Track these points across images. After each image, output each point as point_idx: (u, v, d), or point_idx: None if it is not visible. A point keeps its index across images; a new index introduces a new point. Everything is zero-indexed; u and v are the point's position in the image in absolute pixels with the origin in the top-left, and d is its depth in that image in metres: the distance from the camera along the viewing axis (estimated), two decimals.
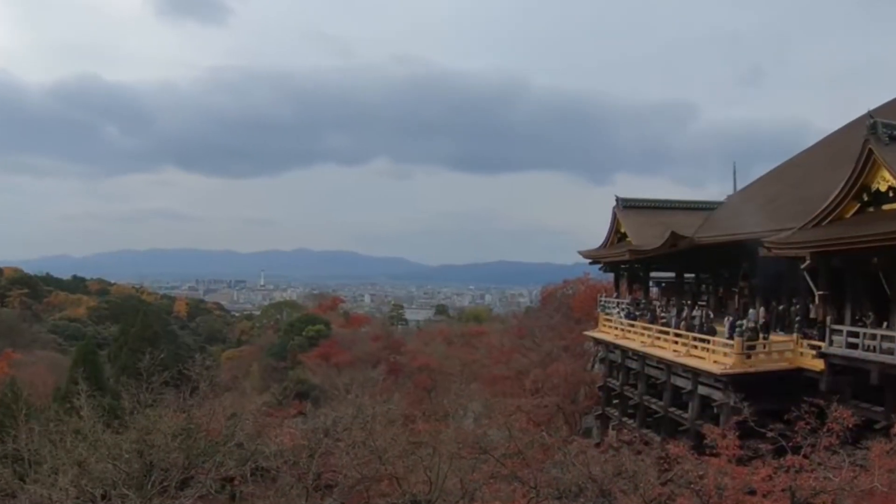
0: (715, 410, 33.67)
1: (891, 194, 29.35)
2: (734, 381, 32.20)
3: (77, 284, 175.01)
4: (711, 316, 41.00)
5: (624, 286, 55.50)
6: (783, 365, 32.81)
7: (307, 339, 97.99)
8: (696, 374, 35.84)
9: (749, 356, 33.05)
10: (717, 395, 33.55)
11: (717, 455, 24.57)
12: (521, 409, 46.37)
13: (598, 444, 38.28)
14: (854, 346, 29.14)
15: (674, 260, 47.26)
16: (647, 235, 46.69)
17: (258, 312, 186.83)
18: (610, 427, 47.13)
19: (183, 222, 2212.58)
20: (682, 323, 40.56)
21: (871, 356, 28.26)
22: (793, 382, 31.26)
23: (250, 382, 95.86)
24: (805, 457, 22.54)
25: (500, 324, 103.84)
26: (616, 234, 52.05)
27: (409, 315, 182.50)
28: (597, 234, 55.55)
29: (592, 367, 57.61)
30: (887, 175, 28.94)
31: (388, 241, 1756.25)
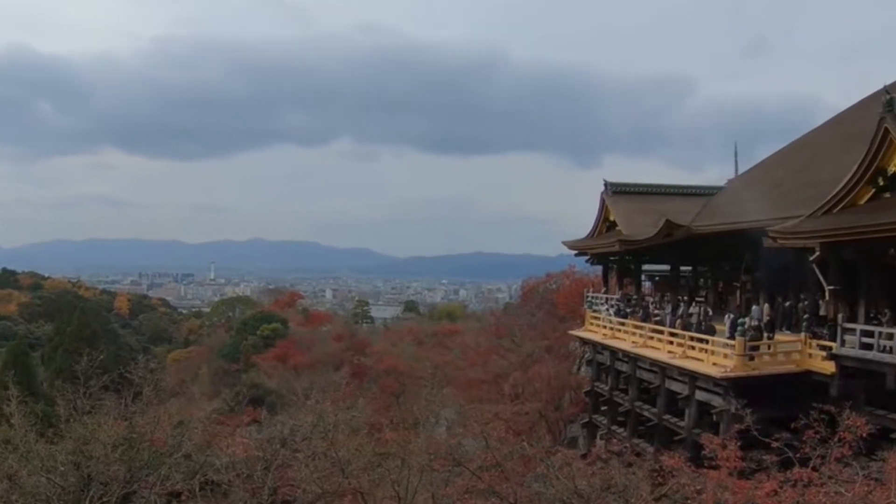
0: (714, 418, 33.60)
1: None
2: (735, 386, 32.16)
3: (7, 278, 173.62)
4: (710, 313, 40.97)
5: (613, 280, 55.41)
6: (790, 367, 32.76)
7: (262, 339, 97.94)
8: (693, 378, 35.79)
9: (752, 358, 33.05)
10: (717, 401, 33.50)
11: (716, 467, 24.51)
12: (499, 417, 46.16)
13: (584, 456, 38.19)
14: (868, 347, 29.02)
15: (669, 251, 47.22)
16: (638, 224, 46.59)
17: (208, 309, 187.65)
18: (598, 436, 47.11)
19: (124, 209, 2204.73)
20: (678, 321, 40.52)
21: (887, 358, 28.18)
22: (800, 387, 31.26)
23: (199, 387, 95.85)
24: (814, 469, 22.48)
25: (476, 322, 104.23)
26: (604, 223, 51.92)
27: (375, 312, 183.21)
28: (583, 222, 55.58)
29: (578, 369, 57.61)
30: None
31: (351, 231, 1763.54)
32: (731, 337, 34.13)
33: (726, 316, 38.01)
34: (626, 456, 29.08)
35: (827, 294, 32.16)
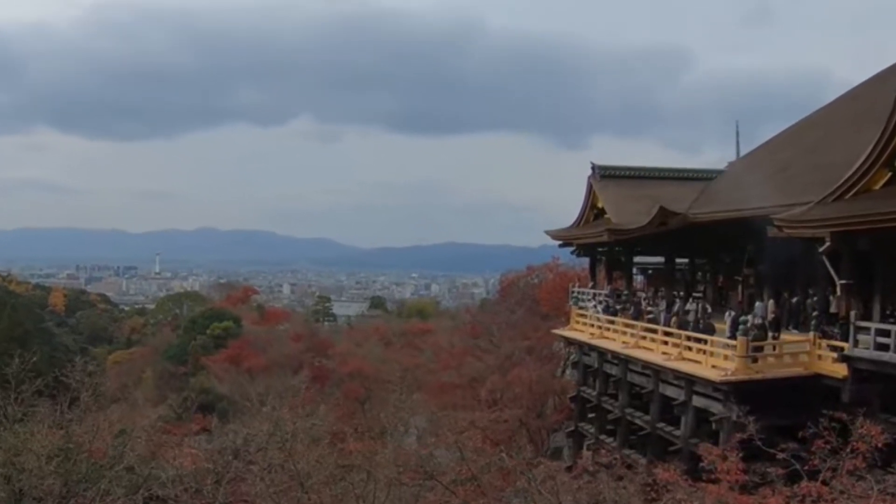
0: (713, 426, 33.62)
1: None
2: (737, 391, 32.12)
3: None
4: (709, 310, 41.01)
5: (602, 274, 55.59)
6: (797, 370, 32.78)
7: (213, 339, 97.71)
8: (690, 382, 35.79)
9: (755, 360, 33.01)
10: (716, 408, 33.50)
11: (715, 481, 24.50)
12: (475, 425, 46.19)
13: (569, 468, 38.20)
14: (884, 348, 28.89)
15: (663, 241, 47.31)
16: (630, 211, 46.63)
17: (152, 306, 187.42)
18: (584, 446, 47.12)
19: (60, 195, 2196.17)
20: (674, 319, 40.53)
21: None
22: (809, 392, 31.34)
23: (142, 392, 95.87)
24: (824, 483, 22.47)
25: (450, 320, 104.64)
26: (592, 210, 51.98)
27: (338, 309, 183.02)
28: (568, 209, 55.59)
29: (563, 373, 57.71)
30: None
31: (311, 219, 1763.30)
32: (733, 336, 34.09)
33: (727, 313, 38.04)
34: (616, 468, 28.94)
35: (838, 289, 32.18)
